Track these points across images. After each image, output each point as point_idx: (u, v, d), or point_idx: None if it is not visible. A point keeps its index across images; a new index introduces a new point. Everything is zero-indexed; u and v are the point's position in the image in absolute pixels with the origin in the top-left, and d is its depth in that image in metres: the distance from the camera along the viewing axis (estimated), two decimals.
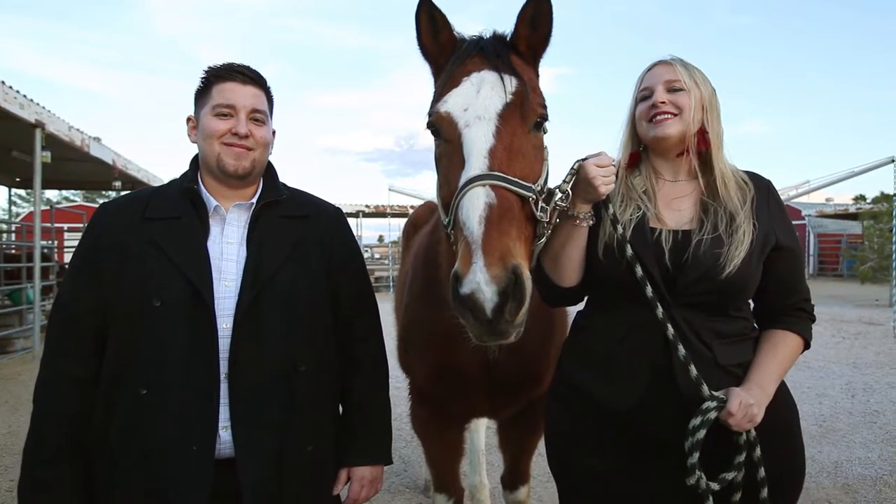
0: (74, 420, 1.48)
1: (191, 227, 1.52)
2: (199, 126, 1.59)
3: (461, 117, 1.46)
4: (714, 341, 1.51)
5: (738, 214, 1.52)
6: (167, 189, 1.61)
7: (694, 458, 1.42)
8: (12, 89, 7.53)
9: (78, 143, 9.84)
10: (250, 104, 1.56)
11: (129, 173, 12.85)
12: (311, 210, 1.70)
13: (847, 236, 25.56)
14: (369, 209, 22.99)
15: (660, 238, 1.54)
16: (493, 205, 1.31)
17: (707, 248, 1.50)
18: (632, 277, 1.50)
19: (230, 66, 1.59)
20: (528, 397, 2.15)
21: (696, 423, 1.43)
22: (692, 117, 1.56)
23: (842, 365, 7.47)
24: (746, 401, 1.42)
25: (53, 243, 12.48)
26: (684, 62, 1.61)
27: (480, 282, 1.20)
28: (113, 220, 1.55)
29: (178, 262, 1.47)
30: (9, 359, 8.31)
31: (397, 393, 6.83)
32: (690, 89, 1.56)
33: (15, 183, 14.39)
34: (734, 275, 1.47)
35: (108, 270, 1.49)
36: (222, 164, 1.54)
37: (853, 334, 9.97)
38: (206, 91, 1.58)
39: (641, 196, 1.60)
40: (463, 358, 1.93)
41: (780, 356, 1.54)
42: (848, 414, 5.40)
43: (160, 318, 1.45)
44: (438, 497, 2.49)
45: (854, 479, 3.97)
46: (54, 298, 1.59)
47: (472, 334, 1.30)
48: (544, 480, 3.77)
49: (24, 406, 5.81)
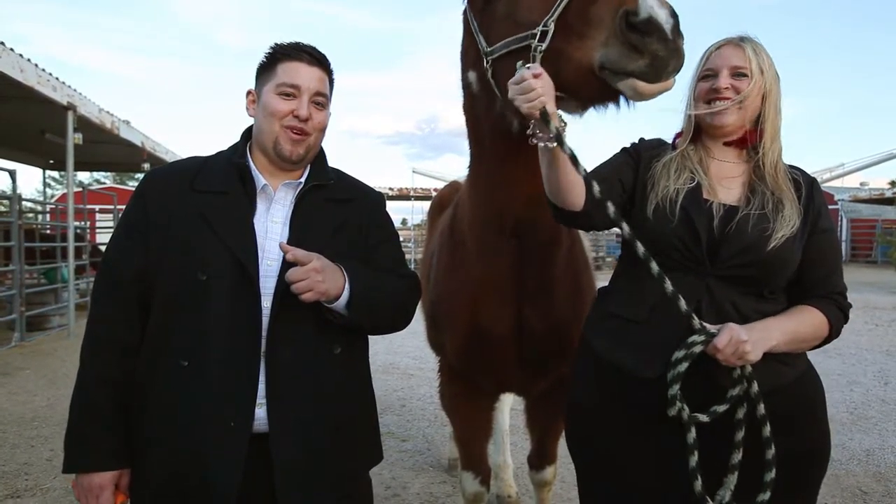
0: (118, 384, 1.51)
1: (238, 203, 1.52)
2: (261, 102, 1.56)
3: None
4: (752, 317, 1.48)
5: (786, 201, 1.51)
6: (216, 161, 1.59)
7: (674, 389, 1.42)
8: (45, 72, 7.68)
9: (108, 125, 10.01)
10: (315, 87, 1.54)
11: (157, 155, 13.06)
12: (355, 194, 1.70)
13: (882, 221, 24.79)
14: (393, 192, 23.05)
15: (711, 207, 1.53)
16: None
17: (754, 223, 1.49)
18: (678, 240, 1.49)
19: (298, 45, 1.57)
20: (558, 370, 2.15)
21: (678, 356, 1.42)
22: (751, 105, 1.53)
23: (875, 352, 7.29)
24: (738, 337, 1.37)
25: (86, 224, 12.78)
26: (755, 45, 1.55)
27: (654, 5, 1.25)
28: (161, 188, 1.54)
29: (224, 238, 1.47)
30: (45, 335, 8.59)
31: (420, 374, 6.91)
32: (755, 76, 1.51)
33: (49, 165, 14.73)
34: (777, 250, 1.46)
35: (155, 237, 1.49)
36: (279, 147, 1.53)
37: (887, 321, 9.71)
38: (270, 67, 1.55)
39: (696, 167, 1.58)
40: (492, 324, 1.94)
41: (796, 319, 1.50)
42: (881, 402, 5.28)
43: (205, 292, 1.45)
44: (465, 475, 2.51)
45: (886, 467, 3.89)
46: (101, 264, 1.58)
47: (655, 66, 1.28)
48: (568, 462, 3.77)
49: (61, 380, 6.03)
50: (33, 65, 7.39)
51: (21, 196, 8.66)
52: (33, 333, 8.43)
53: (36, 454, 4.15)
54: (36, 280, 11.07)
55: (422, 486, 3.68)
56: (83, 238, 11.57)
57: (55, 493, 3.57)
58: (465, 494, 2.54)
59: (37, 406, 5.20)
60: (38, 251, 10.48)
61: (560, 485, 3.52)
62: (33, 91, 7.42)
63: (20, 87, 7.26)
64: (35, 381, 6.04)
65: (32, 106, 8.38)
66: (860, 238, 25.75)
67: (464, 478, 2.52)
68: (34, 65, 7.41)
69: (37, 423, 4.76)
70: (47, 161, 14.30)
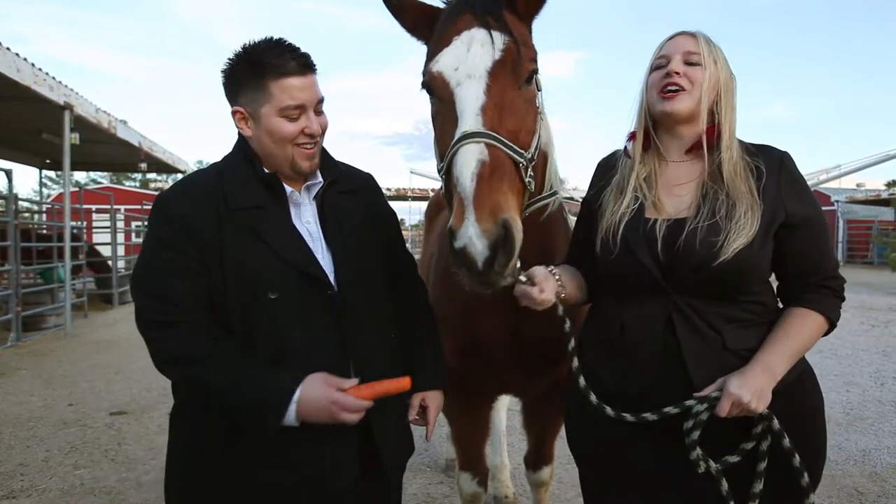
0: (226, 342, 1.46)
1: (279, 214, 1.51)
2: (262, 125, 1.47)
3: (452, 76, 1.48)
4: (724, 326, 1.46)
5: (742, 202, 1.44)
6: (235, 177, 1.51)
7: (694, 455, 1.41)
8: (42, 71, 7.66)
9: (105, 125, 9.99)
10: (315, 97, 1.49)
11: (154, 155, 13.04)
12: (360, 184, 1.74)
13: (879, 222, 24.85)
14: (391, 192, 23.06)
15: (653, 228, 1.50)
16: (484, 161, 1.35)
17: (703, 236, 1.43)
18: (627, 269, 1.50)
19: (279, 51, 1.44)
20: (556, 373, 2.15)
21: (688, 426, 1.41)
22: (704, 94, 1.49)
23: (871, 353, 7.31)
24: (739, 399, 1.35)
25: (82, 224, 12.75)
26: (709, 39, 1.54)
27: (472, 236, 1.26)
28: (195, 211, 1.45)
29: (280, 252, 1.45)
30: (42, 335, 8.57)
31: None
32: (707, 66, 1.50)
33: (45, 164, 14.69)
34: (729, 263, 1.39)
35: (210, 260, 1.42)
36: (297, 166, 1.51)
37: (883, 322, 9.74)
38: (259, 85, 1.44)
39: (641, 184, 1.56)
40: (490, 330, 1.94)
41: (794, 334, 1.45)
42: (877, 402, 5.29)
43: (278, 310, 1.44)
44: (463, 475, 2.51)
45: (882, 467, 3.90)
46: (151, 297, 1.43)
47: (465, 284, 1.36)
48: (565, 462, 3.78)
49: (57, 381, 6.02)
50: (30, 64, 7.37)
51: (17, 196, 8.65)
52: (29, 333, 8.41)
53: (32, 455, 4.14)
54: (32, 280, 11.04)
55: (419, 487, 3.67)
56: (80, 238, 11.54)
57: (51, 494, 3.56)
58: (463, 495, 2.55)
59: (33, 407, 5.17)
60: (34, 251, 10.44)
61: (557, 485, 3.52)
62: (30, 90, 7.41)
63: (17, 87, 7.24)
64: (31, 382, 6.01)
65: (29, 105, 8.37)
66: (857, 239, 25.79)
67: (461, 478, 2.52)
68: (31, 64, 7.39)
69: (32, 424, 4.75)
70: (44, 161, 14.26)
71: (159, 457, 4.08)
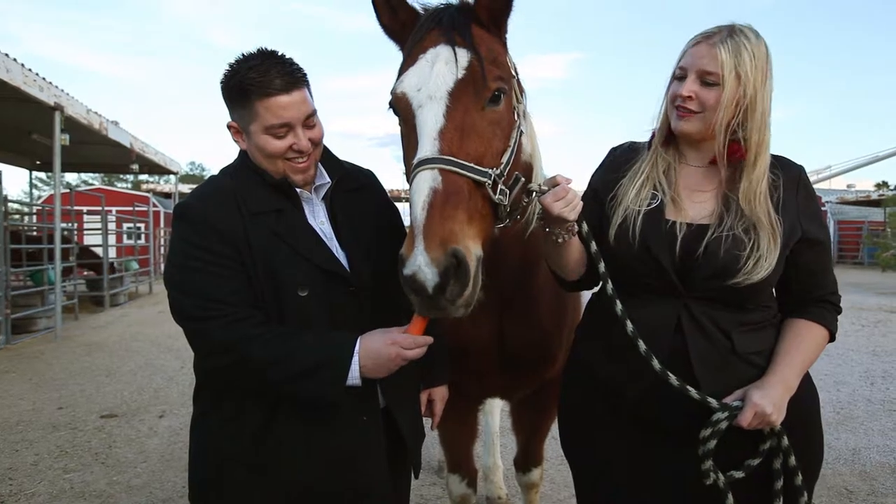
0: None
1: (296, 216, 1.55)
2: (252, 141, 1.50)
3: (415, 97, 1.42)
4: (734, 330, 1.47)
5: (763, 223, 1.43)
6: (248, 184, 1.54)
7: (706, 465, 1.41)
8: (31, 72, 7.61)
9: (96, 125, 9.94)
10: (302, 113, 1.47)
11: (146, 156, 12.98)
12: (363, 182, 1.75)
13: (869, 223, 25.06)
14: None
15: (673, 229, 1.48)
16: (437, 189, 1.29)
17: (727, 246, 1.42)
18: (643, 268, 1.48)
19: (265, 69, 1.43)
20: (541, 377, 2.15)
21: (706, 434, 1.40)
22: (719, 118, 1.43)
23: (861, 353, 7.37)
24: (762, 410, 1.37)
25: (73, 225, 12.66)
26: (737, 43, 1.41)
27: (420, 264, 1.23)
28: (223, 214, 1.48)
29: (303, 253, 1.50)
30: (31, 338, 8.50)
31: None
32: (727, 84, 1.40)
33: (35, 166, 14.60)
34: (751, 280, 1.41)
35: (247, 260, 1.47)
36: (290, 180, 1.54)
37: (873, 322, 9.82)
38: (246, 103, 1.45)
39: (661, 177, 1.53)
40: (474, 334, 1.94)
41: (806, 348, 1.49)
42: (867, 402, 5.34)
43: (306, 307, 1.49)
44: (452, 477, 2.51)
45: (872, 466, 3.93)
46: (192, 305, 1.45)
47: (417, 309, 1.34)
48: (557, 463, 3.79)
49: (47, 384, 5.97)
50: (19, 65, 7.32)
51: (7, 197, 8.57)
52: (19, 336, 8.33)
53: (20, 459, 4.10)
54: (22, 282, 10.95)
55: (412, 489, 3.66)
56: (70, 240, 11.45)
57: (40, 499, 3.53)
58: (453, 497, 2.55)
59: (22, 410, 5.13)
60: (24, 253, 10.36)
61: (549, 486, 3.52)
62: (19, 91, 7.37)
63: (5, 87, 7.20)
64: (20, 385, 5.95)
65: (19, 106, 8.33)
66: (847, 240, 25.98)
67: (450, 480, 2.52)
68: (20, 64, 7.34)
69: (21, 428, 4.71)
70: (34, 162, 14.17)
71: (150, 460, 4.05)
